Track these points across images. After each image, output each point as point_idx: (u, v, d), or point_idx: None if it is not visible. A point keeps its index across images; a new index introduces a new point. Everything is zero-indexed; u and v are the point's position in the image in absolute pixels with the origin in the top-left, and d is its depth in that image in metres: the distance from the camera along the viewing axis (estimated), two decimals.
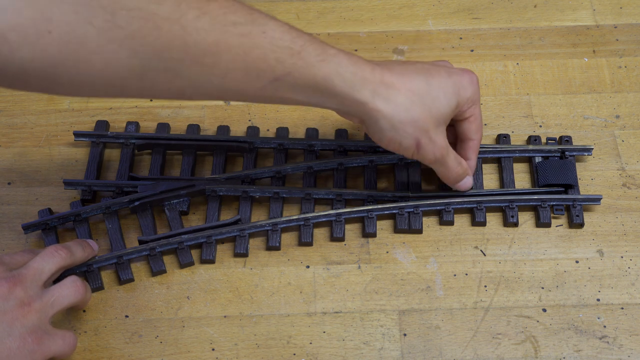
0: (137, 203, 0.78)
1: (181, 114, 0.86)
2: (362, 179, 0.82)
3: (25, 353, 0.63)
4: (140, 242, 0.76)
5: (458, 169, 0.75)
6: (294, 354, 0.72)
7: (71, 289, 0.68)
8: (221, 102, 0.86)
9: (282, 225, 0.77)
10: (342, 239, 0.78)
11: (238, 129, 0.85)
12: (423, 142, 0.70)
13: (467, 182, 0.77)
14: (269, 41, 0.62)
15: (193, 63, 0.60)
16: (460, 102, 0.71)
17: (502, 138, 0.83)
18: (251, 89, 0.64)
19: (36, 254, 0.70)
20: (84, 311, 0.74)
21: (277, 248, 0.77)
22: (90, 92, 0.61)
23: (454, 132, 0.77)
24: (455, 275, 0.76)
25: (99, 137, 0.82)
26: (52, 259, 0.69)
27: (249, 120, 0.85)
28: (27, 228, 0.77)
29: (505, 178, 0.81)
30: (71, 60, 0.57)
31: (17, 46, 0.55)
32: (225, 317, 0.74)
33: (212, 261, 0.76)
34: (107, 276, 0.76)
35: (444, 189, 0.79)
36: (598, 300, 0.75)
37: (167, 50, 0.59)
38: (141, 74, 0.60)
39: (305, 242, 0.77)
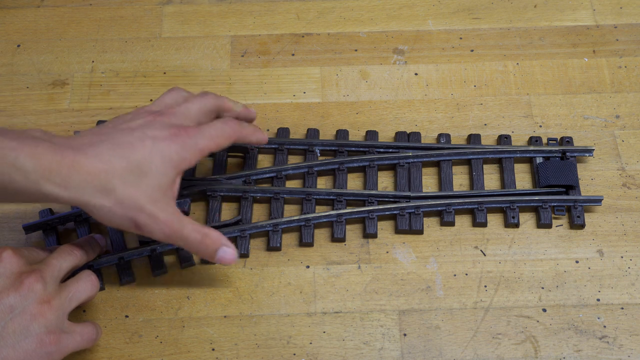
0: None
1: None
2: (362, 180, 0.82)
3: (42, 355, 0.62)
4: (141, 242, 0.76)
5: (205, 241, 0.67)
6: (294, 354, 0.72)
7: (87, 283, 0.68)
8: None
9: (283, 226, 0.77)
10: (342, 240, 0.78)
11: None
12: (141, 221, 0.64)
13: (227, 254, 0.68)
14: None
15: None
16: (182, 166, 0.66)
17: (503, 139, 0.83)
18: None
19: (50, 251, 0.70)
20: (84, 311, 0.74)
21: (278, 249, 0.77)
22: None
23: None
24: (455, 275, 0.76)
25: None
26: (69, 257, 0.69)
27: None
28: (29, 228, 0.77)
29: (506, 179, 0.81)
30: None
31: None
32: (225, 317, 0.74)
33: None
34: (107, 276, 0.76)
35: (446, 190, 0.80)
36: (598, 300, 0.75)
37: None
38: None
39: (306, 242, 0.77)
